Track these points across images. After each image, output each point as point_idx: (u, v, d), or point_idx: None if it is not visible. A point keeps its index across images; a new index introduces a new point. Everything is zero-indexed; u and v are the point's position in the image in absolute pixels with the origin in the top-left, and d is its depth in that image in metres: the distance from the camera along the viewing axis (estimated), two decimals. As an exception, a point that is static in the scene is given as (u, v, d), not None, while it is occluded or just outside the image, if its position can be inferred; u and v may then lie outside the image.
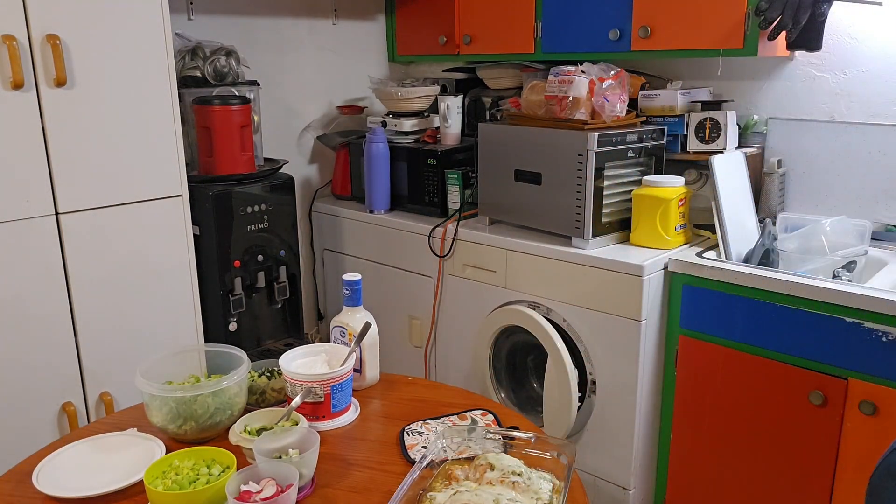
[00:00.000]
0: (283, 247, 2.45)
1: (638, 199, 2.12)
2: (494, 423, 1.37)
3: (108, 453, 1.28)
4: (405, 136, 2.75)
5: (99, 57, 1.85)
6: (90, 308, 1.93)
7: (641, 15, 2.17)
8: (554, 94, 2.13)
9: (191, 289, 2.13)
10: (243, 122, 2.32)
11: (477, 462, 1.15)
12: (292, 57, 2.85)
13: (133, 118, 1.93)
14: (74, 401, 1.92)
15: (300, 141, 2.96)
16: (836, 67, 2.17)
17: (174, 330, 2.10)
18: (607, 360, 2.09)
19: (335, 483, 1.19)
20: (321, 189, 3.03)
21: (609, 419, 2.13)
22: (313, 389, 1.35)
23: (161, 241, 2.04)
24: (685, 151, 2.28)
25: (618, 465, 2.14)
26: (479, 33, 2.62)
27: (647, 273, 1.97)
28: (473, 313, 2.41)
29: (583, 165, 2.06)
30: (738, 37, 2.00)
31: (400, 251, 2.62)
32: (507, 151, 2.27)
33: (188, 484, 1.11)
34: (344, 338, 1.52)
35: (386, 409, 1.47)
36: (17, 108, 1.74)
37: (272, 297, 2.48)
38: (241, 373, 1.34)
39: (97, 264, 1.93)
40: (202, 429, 1.30)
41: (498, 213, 2.38)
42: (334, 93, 3.02)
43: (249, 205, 2.33)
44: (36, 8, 1.73)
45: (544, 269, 2.17)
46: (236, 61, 2.47)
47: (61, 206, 1.85)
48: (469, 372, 2.49)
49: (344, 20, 2.99)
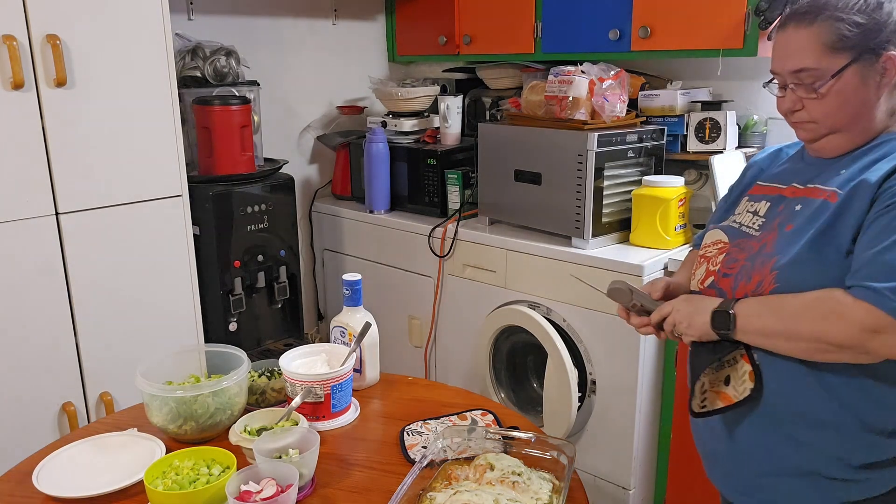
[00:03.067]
0: (283, 247, 2.45)
1: (638, 199, 2.12)
2: (494, 423, 1.37)
3: (108, 453, 1.28)
4: (405, 136, 2.75)
5: (99, 57, 1.85)
6: (90, 308, 1.92)
7: (641, 15, 2.17)
8: (554, 94, 2.13)
9: (191, 289, 2.13)
10: (243, 122, 2.32)
11: (477, 462, 1.15)
12: (292, 57, 2.85)
13: (133, 118, 1.93)
14: (74, 401, 1.92)
15: (300, 141, 2.96)
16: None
17: (174, 330, 2.10)
18: (607, 360, 2.08)
19: (335, 483, 1.19)
20: (321, 189, 3.03)
21: (609, 419, 2.12)
22: (313, 389, 1.35)
23: (161, 241, 2.04)
24: (685, 151, 2.28)
25: (618, 465, 2.14)
26: (479, 33, 2.62)
27: (647, 273, 1.97)
28: (473, 313, 2.41)
29: (583, 165, 2.06)
30: (738, 37, 1.99)
31: (400, 251, 2.62)
32: (507, 151, 2.27)
33: (188, 484, 1.11)
34: (344, 338, 1.52)
35: (386, 409, 1.47)
36: (17, 108, 1.74)
37: (272, 297, 2.48)
38: (241, 373, 1.34)
39: (97, 264, 1.92)
40: (202, 429, 1.30)
41: (498, 213, 2.38)
42: (334, 93, 3.02)
43: (249, 205, 2.33)
44: (36, 8, 1.73)
45: (544, 269, 2.17)
46: (236, 61, 2.47)
47: (61, 206, 1.85)
48: (469, 372, 2.49)
49: (344, 20, 2.99)
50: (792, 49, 1.11)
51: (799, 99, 1.13)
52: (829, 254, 1.05)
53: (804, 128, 1.16)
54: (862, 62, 1.07)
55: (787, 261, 1.08)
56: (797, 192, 1.17)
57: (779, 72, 1.14)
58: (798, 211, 1.13)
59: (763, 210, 1.20)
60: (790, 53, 1.12)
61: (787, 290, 1.06)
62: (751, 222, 1.21)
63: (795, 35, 1.11)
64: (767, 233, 1.15)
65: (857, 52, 1.07)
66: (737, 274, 1.15)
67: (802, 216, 1.11)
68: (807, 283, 1.05)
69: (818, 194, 1.12)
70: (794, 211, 1.14)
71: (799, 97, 1.12)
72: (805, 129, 1.16)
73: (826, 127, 1.13)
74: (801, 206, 1.13)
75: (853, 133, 1.12)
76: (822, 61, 1.08)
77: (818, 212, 1.09)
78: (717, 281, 1.19)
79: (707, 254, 1.25)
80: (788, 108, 1.16)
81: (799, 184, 1.18)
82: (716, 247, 1.24)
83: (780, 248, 1.10)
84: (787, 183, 1.21)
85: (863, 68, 1.07)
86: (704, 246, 1.27)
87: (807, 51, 1.09)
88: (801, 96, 1.12)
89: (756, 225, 1.19)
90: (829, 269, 1.04)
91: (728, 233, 1.23)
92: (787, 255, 1.08)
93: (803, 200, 1.14)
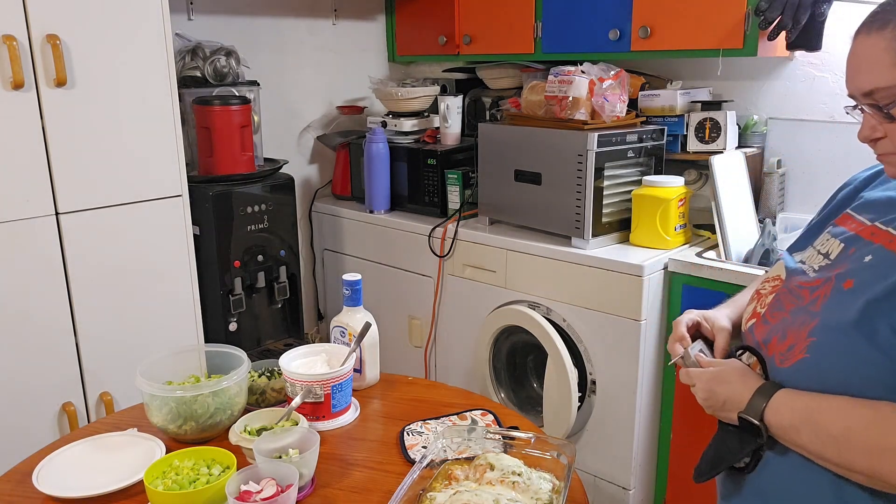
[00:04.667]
0: (283, 247, 2.45)
1: (638, 199, 2.12)
2: (494, 423, 1.37)
3: (108, 453, 1.28)
4: (405, 136, 2.75)
5: (99, 57, 1.85)
6: (90, 308, 1.92)
7: (641, 15, 2.17)
8: (554, 94, 2.13)
9: (191, 289, 2.13)
10: (243, 122, 2.32)
11: (477, 462, 1.15)
12: (292, 57, 2.85)
13: (133, 118, 1.93)
14: (74, 401, 1.92)
15: (300, 141, 2.96)
16: (836, 67, 2.17)
17: (174, 330, 2.10)
18: (607, 360, 2.08)
19: (335, 483, 1.19)
20: (321, 189, 3.03)
21: (609, 419, 2.12)
22: (313, 389, 1.35)
23: (161, 241, 2.04)
24: (685, 151, 2.28)
25: (618, 465, 2.14)
26: (479, 33, 2.62)
27: (647, 273, 1.97)
28: (473, 313, 2.41)
29: (583, 165, 2.06)
30: (738, 37, 1.99)
31: (400, 251, 2.62)
32: (507, 151, 2.27)
33: (188, 484, 1.11)
34: (344, 338, 1.52)
35: (386, 409, 1.47)
36: (17, 109, 1.74)
37: (272, 297, 2.48)
38: (241, 373, 1.34)
39: (97, 264, 1.92)
40: (202, 429, 1.30)
41: (498, 213, 2.38)
42: (334, 93, 3.02)
43: (249, 205, 2.33)
44: (36, 8, 1.73)
45: (544, 269, 2.17)
46: (236, 61, 2.47)
47: (61, 206, 1.84)
48: (469, 372, 2.49)
49: (344, 20, 2.99)
50: (861, 64, 0.89)
51: (878, 125, 0.90)
52: (881, 329, 0.82)
53: (889, 161, 0.93)
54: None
55: (827, 328, 0.87)
56: (876, 236, 0.92)
57: (851, 93, 0.92)
58: (866, 264, 0.90)
59: (835, 252, 0.97)
60: (859, 69, 0.89)
61: (816, 366, 0.87)
62: (817, 264, 0.99)
63: (864, 46, 0.88)
64: (824, 282, 0.94)
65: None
66: (776, 325, 0.97)
67: (868, 273, 0.88)
68: (841, 362, 0.85)
69: (887, 242, 0.89)
70: (861, 263, 0.90)
71: (877, 123, 0.90)
72: (890, 163, 0.93)
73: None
74: (871, 256, 0.90)
75: None
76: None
77: (887, 269, 0.86)
78: (756, 328, 1.02)
79: (762, 290, 1.06)
80: (866, 137, 0.93)
81: (883, 224, 0.93)
82: (771, 283, 1.05)
83: (828, 310, 0.89)
84: (873, 218, 0.96)
85: None
86: (765, 280, 1.08)
87: (879, 65, 0.86)
88: (879, 122, 0.90)
89: (817, 265, 0.98)
90: (873, 351, 0.83)
91: (788, 272, 1.03)
92: (831, 322, 0.88)
93: (877, 250, 0.90)
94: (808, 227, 1.13)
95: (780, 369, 0.94)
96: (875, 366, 0.82)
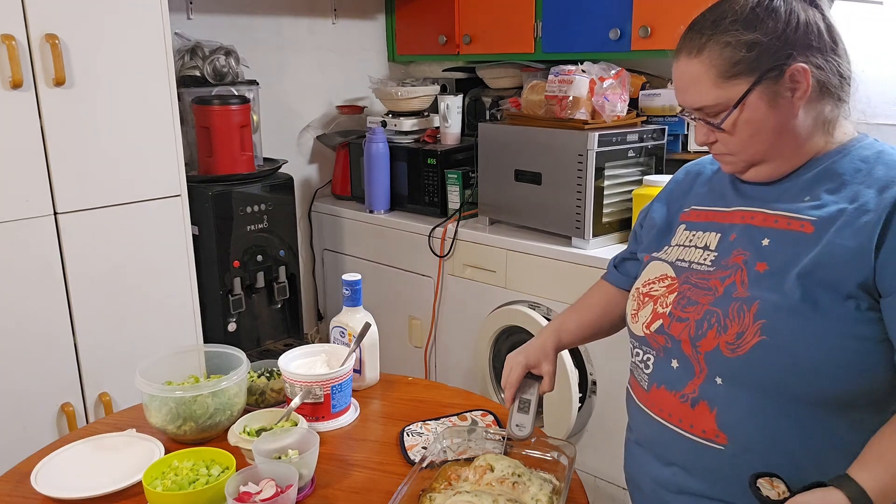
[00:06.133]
0: (283, 247, 2.45)
1: (638, 199, 2.12)
2: (494, 424, 1.37)
3: (107, 454, 1.28)
4: (405, 135, 2.74)
5: (98, 57, 1.85)
6: (89, 308, 1.92)
7: (641, 14, 2.17)
8: (554, 93, 2.12)
9: (190, 289, 2.12)
10: (243, 122, 2.31)
11: (477, 463, 1.15)
12: (292, 57, 2.85)
13: (132, 118, 1.93)
14: (73, 401, 1.92)
15: (300, 141, 2.96)
16: (837, 67, 2.16)
17: (173, 330, 2.10)
18: (607, 360, 2.08)
19: (335, 483, 1.19)
20: (321, 189, 3.03)
21: (609, 419, 2.12)
22: (313, 390, 1.34)
23: (160, 241, 2.04)
24: (686, 151, 2.28)
25: (618, 466, 2.13)
26: (479, 33, 2.62)
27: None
28: (473, 313, 2.41)
29: (583, 165, 2.06)
30: (739, 36, 1.99)
31: (400, 251, 2.62)
32: (507, 151, 2.27)
33: (187, 484, 1.11)
34: (344, 338, 1.52)
35: (386, 409, 1.46)
36: (15, 108, 1.74)
37: (272, 298, 2.48)
38: (241, 373, 1.34)
39: (96, 264, 1.92)
40: (201, 429, 1.30)
41: (498, 213, 2.38)
42: (334, 93, 3.02)
43: (249, 205, 2.33)
44: (35, 8, 1.73)
45: (544, 269, 2.17)
46: (236, 61, 2.46)
47: (60, 206, 1.84)
48: (469, 372, 2.49)
49: (344, 20, 2.98)
50: (688, 85, 0.99)
51: (710, 132, 1.01)
52: (820, 298, 0.91)
53: (724, 160, 1.04)
54: (765, 83, 0.94)
55: (773, 308, 0.93)
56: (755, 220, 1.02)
57: (682, 107, 1.03)
58: (766, 247, 0.98)
59: (714, 243, 1.05)
60: (687, 90, 1.00)
61: (778, 342, 0.92)
62: (702, 258, 1.05)
63: (686, 68, 0.99)
64: (732, 271, 1.00)
65: (757, 74, 0.94)
66: (699, 320, 1.00)
67: (777, 253, 0.96)
68: (797, 335, 0.91)
69: (785, 224, 0.98)
70: (760, 246, 0.98)
71: (709, 131, 1.01)
72: (726, 163, 1.04)
73: (745, 160, 1.00)
74: (769, 240, 0.98)
75: (781, 159, 0.99)
76: (719, 94, 0.96)
77: (796, 247, 0.95)
78: (668, 326, 1.04)
79: (653, 292, 1.09)
80: (702, 141, 1.03)
81: (747, 207, 1.04)
82: (662, 283, 1.09)
83: (757, 293, 0.95)
84: (730, 206, 1.07)
85: (768, 89, 0.94)
86: (648, 283, 1.12)
87: (700, 85, 0.97)
88: (710, 131, 1.00)
89: (708, 261, 1.04)
90: (820, 318, 0.90)
91: (675, 269, 1.08)
92: (770, 302, 0.93)
93: (769, 233, 0.99)
94: (647, 234, 1.21)
95: (732, 359, 0.96)
96: (827, 332, 0.90)
